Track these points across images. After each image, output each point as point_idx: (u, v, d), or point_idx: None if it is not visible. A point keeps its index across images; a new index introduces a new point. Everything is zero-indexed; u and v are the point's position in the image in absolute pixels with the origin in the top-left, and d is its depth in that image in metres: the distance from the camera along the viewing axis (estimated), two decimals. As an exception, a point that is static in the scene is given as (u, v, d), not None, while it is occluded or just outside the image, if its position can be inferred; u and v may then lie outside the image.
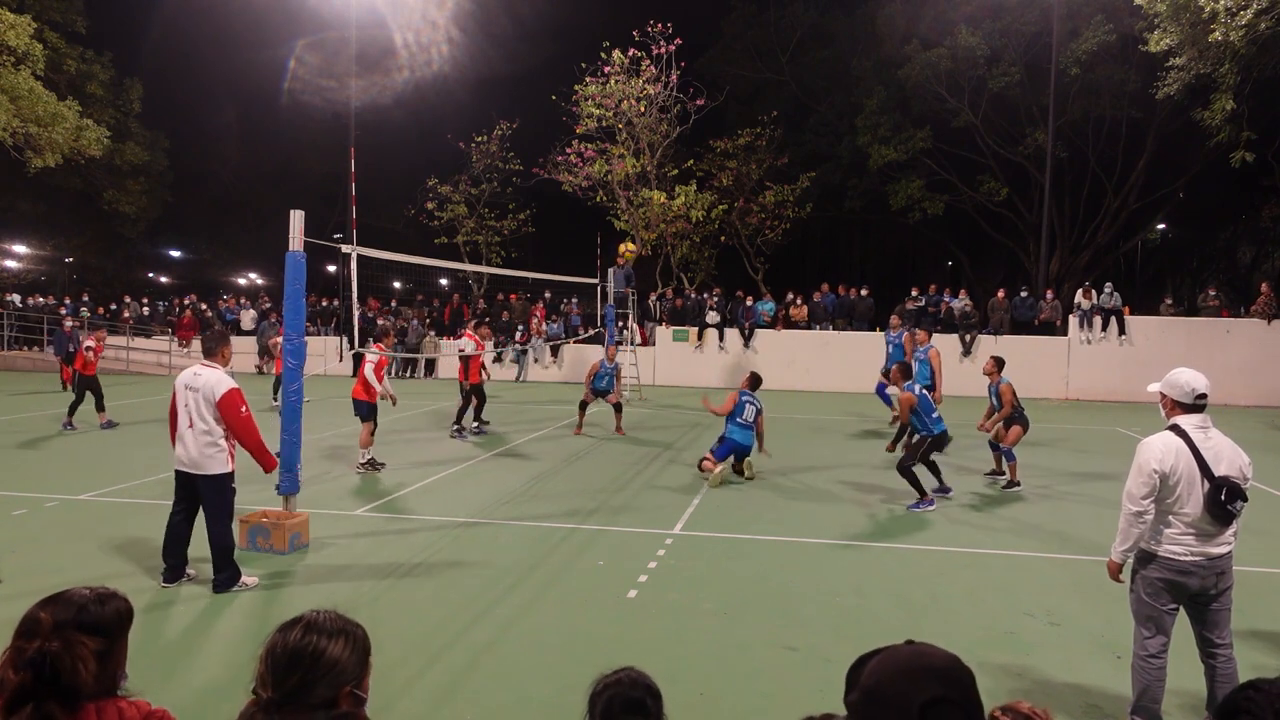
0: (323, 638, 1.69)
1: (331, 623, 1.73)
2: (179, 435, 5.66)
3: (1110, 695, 4.24)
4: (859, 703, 1.35)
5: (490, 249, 28.47)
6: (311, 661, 1.66)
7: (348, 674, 1.70)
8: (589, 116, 21.79)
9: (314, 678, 1.66)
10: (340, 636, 1.71)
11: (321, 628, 1.70)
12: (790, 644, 4.86)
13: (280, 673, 1.65)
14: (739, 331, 21.34)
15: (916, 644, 1.39)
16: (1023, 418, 9.43)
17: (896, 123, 27.21)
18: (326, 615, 1.74)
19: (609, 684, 1.97)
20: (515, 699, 4.15)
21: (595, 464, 10.50)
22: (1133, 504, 3.68)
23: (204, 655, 4.65)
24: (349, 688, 1.69)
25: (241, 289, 37.52)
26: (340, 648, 1.69)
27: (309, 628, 1.70)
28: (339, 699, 1.68)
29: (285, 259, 6.71)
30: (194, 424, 5.59)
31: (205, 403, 5.58)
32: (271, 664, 1.67)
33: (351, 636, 1.73)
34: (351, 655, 1.71)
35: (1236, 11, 16.06)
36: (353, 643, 1.72)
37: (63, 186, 29.46)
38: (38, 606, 1.85)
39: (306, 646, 1.67)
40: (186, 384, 5.68)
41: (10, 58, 19.57)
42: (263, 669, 1.68)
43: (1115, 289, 20.03)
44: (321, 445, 11.33)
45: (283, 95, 32.79)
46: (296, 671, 1.65)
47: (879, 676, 1.33)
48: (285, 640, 1.68)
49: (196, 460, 5.59)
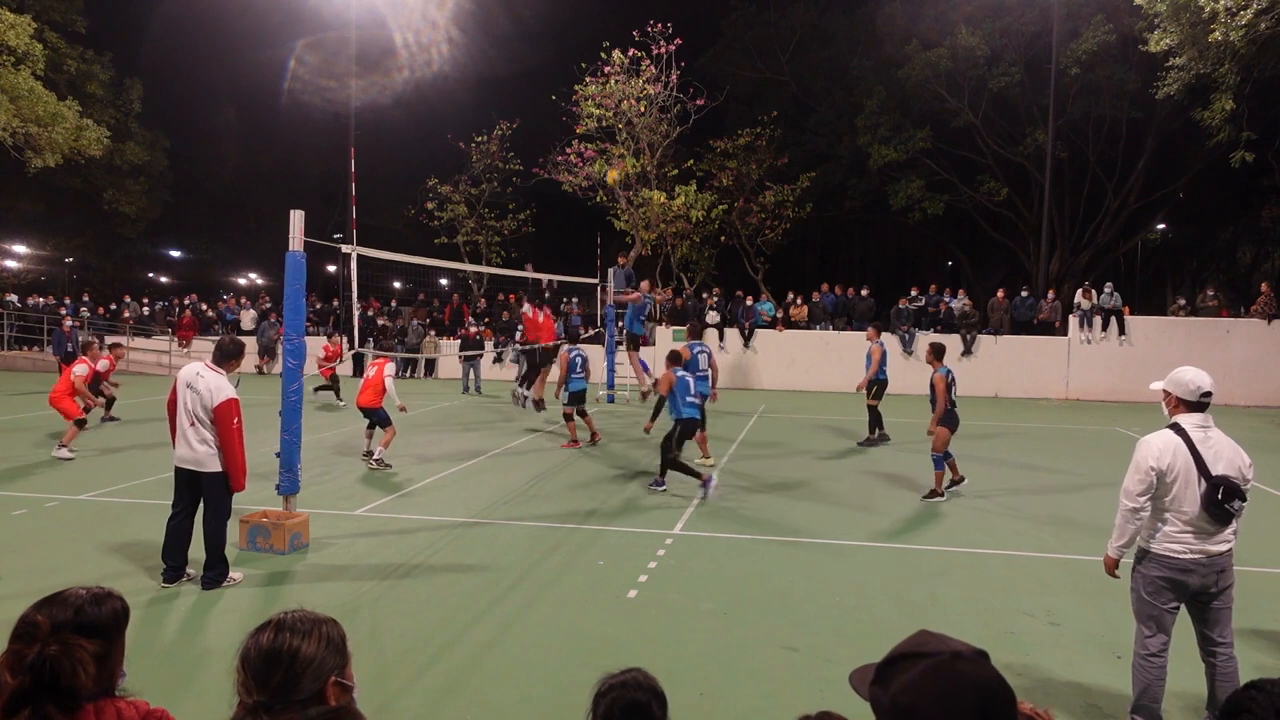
0: (294, 636, 1.67)
1: (301, 621, 1.71)
2: (180, 432, 5.67)
3: (1110, 695, 4.24)
4: (887, 711, 1.23)
5: (490, 249, 28.48)
6: (289, 660, 1.65)
7: (328, 665, 1.68)
8: (589, 116, 21.78)
9: (295, 674, 1.64)
10: (312, 633, 1.70)
11: (292, 627, 1.69)
12: (790, 644, 4.85)
13: (260, 675, 1.64)
14: (739, 331, 21.33)
15: (969, 661, 1.22)
16: (952, 416, 8.60)
17: (896, 123, 27.21)
18: (295, 615, 1.73)
19: (613, 685, 1.95)
20: (515, 699, 4.15)
21: (595, 464, 10.50)
22: (1129, 500, 3.70)
23: (203, 655, 4.65)
24: (333, 678, 1.68)
25: (241, 289, 37.53)
26: (314, 644, 1.68)
27: (279, 628, 1.69)
28: (326, 691, 1.66)
29: (285, 259, 6.71)
30: (194, 423, 5.62)
31: (203, 406, 5.61)
32: (250, 669, 1.65)
33: (322, 632, 1.71)
34: (326, 649, 1.69)
35: (1236, 11, 16.05)
36: (325, 638, 1.71)
37: (63, 186, 29.46)
38: (34, 609, 1.84)
39: (281, 646, 1.66)
40: (188, 382, 5.67)
41: (10, 58, 19.55)
42: (242, 676, 1.66)
43: (1115, 289, 20.04)
44: (322, 445, 11.33)
45: (283, 95, 32.80)
46: (276, 671, 1.64)
47: (918, 698, 1.19)
48: (258, 644, 1.67)
49: (199, 459, 5.62)
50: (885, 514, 8.12)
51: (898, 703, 1.21)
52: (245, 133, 35.96)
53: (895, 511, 8.22)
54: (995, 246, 31.49)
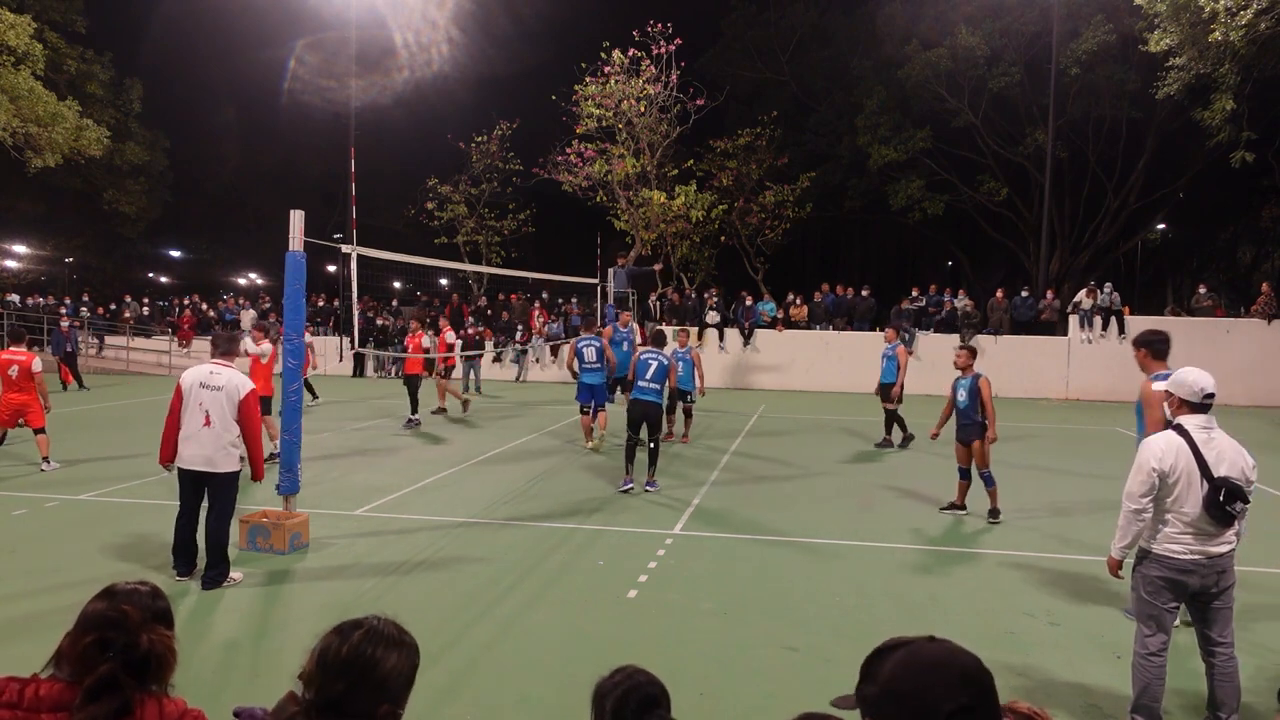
0: (380, 647, 1.62)
1: (391, 632, 1.66)
2: (191, 435, 5.61)
3: (1110, 695, 4.24)
4: (878, 699, 1.28)
5: (490, 249, 28.47)
6: (364, 671, 1.59)
7: (392, 691, 1.63)
8: (589, 116, 21.77)
9: (361, 688, 1.59)
10: (398, 649, 1.65)
11: (381, 636, 1.64)
12: (790, 644, 4.86)
13: (330, 676, 1.59)
14: (739, 331, 21.33)
15: (941, 642, 1.31)
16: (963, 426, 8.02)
17: (896, 123, 27.21)
18: (387, 624, 1.68)
19: (618, 681, 1.94)
20: (515, 699, 4.15)
21: (596, 464, 10.50)
22: (1132, 502, 3.70)
23: (202, 654, 4.65)
24: (388, 706, 1.62)
25: (241, 289, 37.53)
26: (395, 660, 1.63)
27: (369, 635, 1.63)
28: (376, 715, 1.60)
29: (285, 259, 6.71)
30: (211, 423, 5.60)
31: (229, 401, 5.63)
32: (323, 666, 1.60)
33: (407, 649, 1.67)
34: (403, 672, 1.64)
35: (1236, 11, 16.05)
36: (407, 656, 1.66)
37: (63, 186, 29.45)
38: (107, 600, 1.84)
39: (363, 654, 1.60)
40: (202, 382, 5.66)
41: (10, 58, 19.55)
42: (313, 668, 1.61)
43: (1115, 289, 20.03)
44: (322, 445, 11.33)
45: (283, 95, 32.81)
46: (346, 678, 1.58)
47: (903, 675, 1.26)
48: (342, 644, 1.61)
49: (212, 458, 5.61)
50: (886, 514, 8.12)
51: (887, 685, 1.27)
52: (245, 133, 35.98)
53: (896, 512, 8.22)
54: (995, 246, 31.50)
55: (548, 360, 22.46)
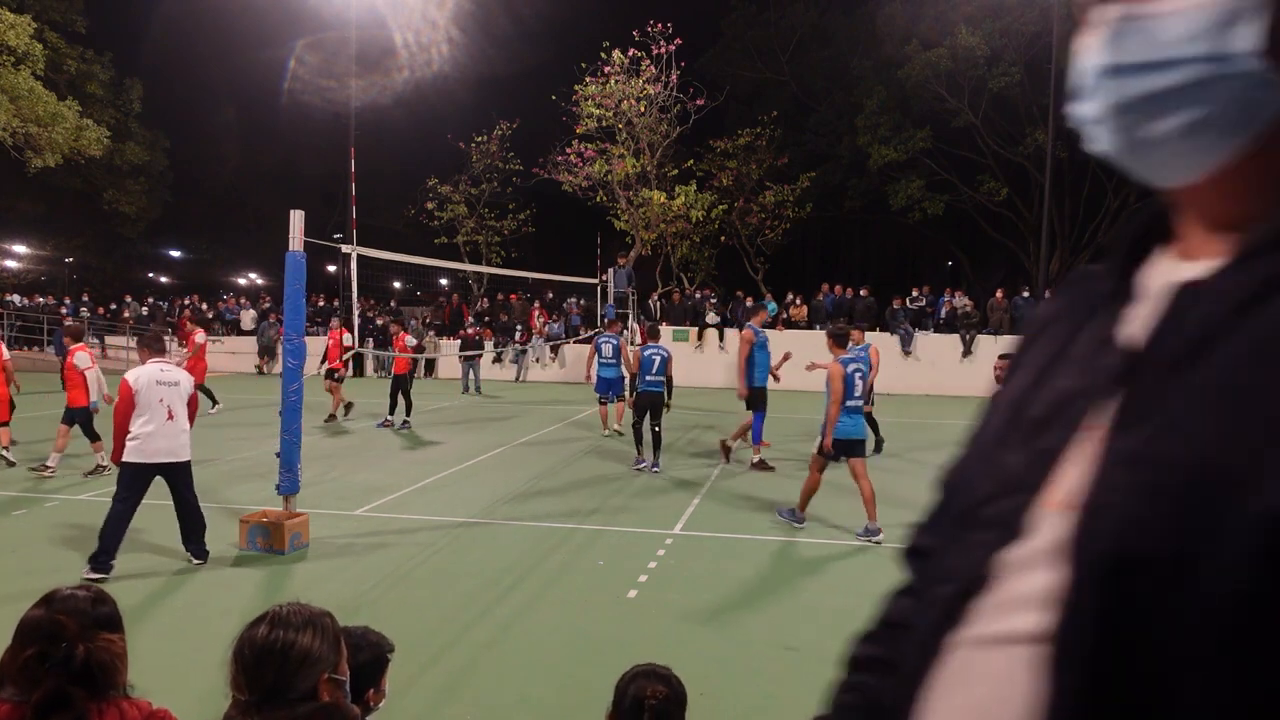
0: (290, 631, 1.65)
1: (296, 615, 1.69)
2: (157, 430, 5.96)
3: (1110, 695, 4.23)
4: None
5: (490, 249, 28.47)
6: (282, 657, 1.62)
7: (324, 661, 1.66)
8: (589, 116, 21.78)
9: (288, 672, 1.62)
10: (307, 628, 1.67)
11: (287, 621, 1.67)
12: (790, 644, 4.86)
13: (252, 672, 1.62)
14: (739, 331, 21.30)
15: None
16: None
17: (896, 123, 27.19)
18: (291, 608, 1.71)
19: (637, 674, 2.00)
20: (515, 699, 4.15)
21: (595, 463, 10.50)
22: None
23: (202, 654, 4.65)
24: (326, 674, 1.66)
25: (241, 289, 37.51)
26: (309, 638, 1.66)
27: (274, 623, 1.67)
28: (319, 688, 1.64)
29: (285, 259, 6.71)
30: (174, 416, 6.03)
31: (183, 395, 6.13)
32: (242, 664, 1.63)
33: (319, 626, 1.69)
34: (322, 644, 1.67)
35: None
36: (321, 631, 1.69)
37: (63, 186, 29.43)
38: (45, 609, 1.80)
39: (275, 642, 1.63)
40: (157, 379, 6.06)
41: (10, 58, 19.55)
42: (235, 670, 1.64)
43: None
44: (321, 445, 11.33)
45: (283, 95, 32.76)
46: (269, 668, 1.61)
47: None
48: (253, 638, 1.65)
49: (175, 449, 6.05)
50: (886, 514, 8.11)
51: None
52: (245, 133, 35.94)
53: (896, 512, 8.21)
54: (995, 246, 31.48)
55: (548, 360, 22.47)
